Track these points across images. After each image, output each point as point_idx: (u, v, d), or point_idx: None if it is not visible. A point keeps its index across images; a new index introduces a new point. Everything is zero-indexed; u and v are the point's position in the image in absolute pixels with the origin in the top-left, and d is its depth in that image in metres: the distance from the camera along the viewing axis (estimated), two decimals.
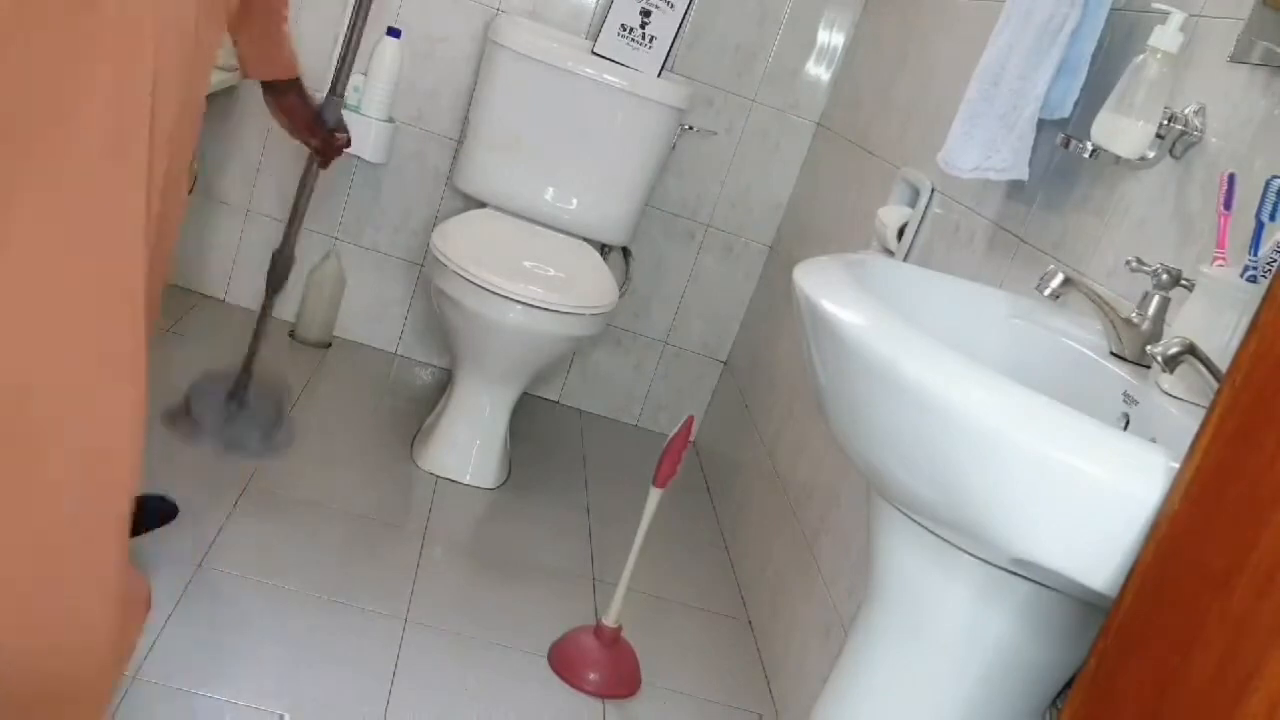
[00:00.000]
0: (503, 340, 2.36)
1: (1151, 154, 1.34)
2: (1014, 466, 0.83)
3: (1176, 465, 0.78)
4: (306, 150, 2.01)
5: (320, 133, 1.91)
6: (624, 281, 2.85)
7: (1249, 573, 0.67)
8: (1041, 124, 1.55)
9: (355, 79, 2.78)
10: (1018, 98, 1.56)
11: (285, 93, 1.78)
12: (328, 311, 2.95)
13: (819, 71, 2.90)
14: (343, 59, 2.01)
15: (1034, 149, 1.55)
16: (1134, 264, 1.19)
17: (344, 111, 2.81)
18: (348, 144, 1.99)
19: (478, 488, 2.50)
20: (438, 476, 2.49)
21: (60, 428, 1.16)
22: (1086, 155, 1.40)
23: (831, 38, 2.88)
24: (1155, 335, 1.11)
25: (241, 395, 2.13)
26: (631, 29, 2.70)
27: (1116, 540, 0.80)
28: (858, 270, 1.16)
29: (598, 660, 1.95)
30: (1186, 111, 1.31)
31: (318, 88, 2.79)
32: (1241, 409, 0.72)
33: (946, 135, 1.69)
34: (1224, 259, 1.10)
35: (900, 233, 2.03)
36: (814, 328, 1.03)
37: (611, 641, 1.97)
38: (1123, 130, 1.31)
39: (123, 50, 1.16)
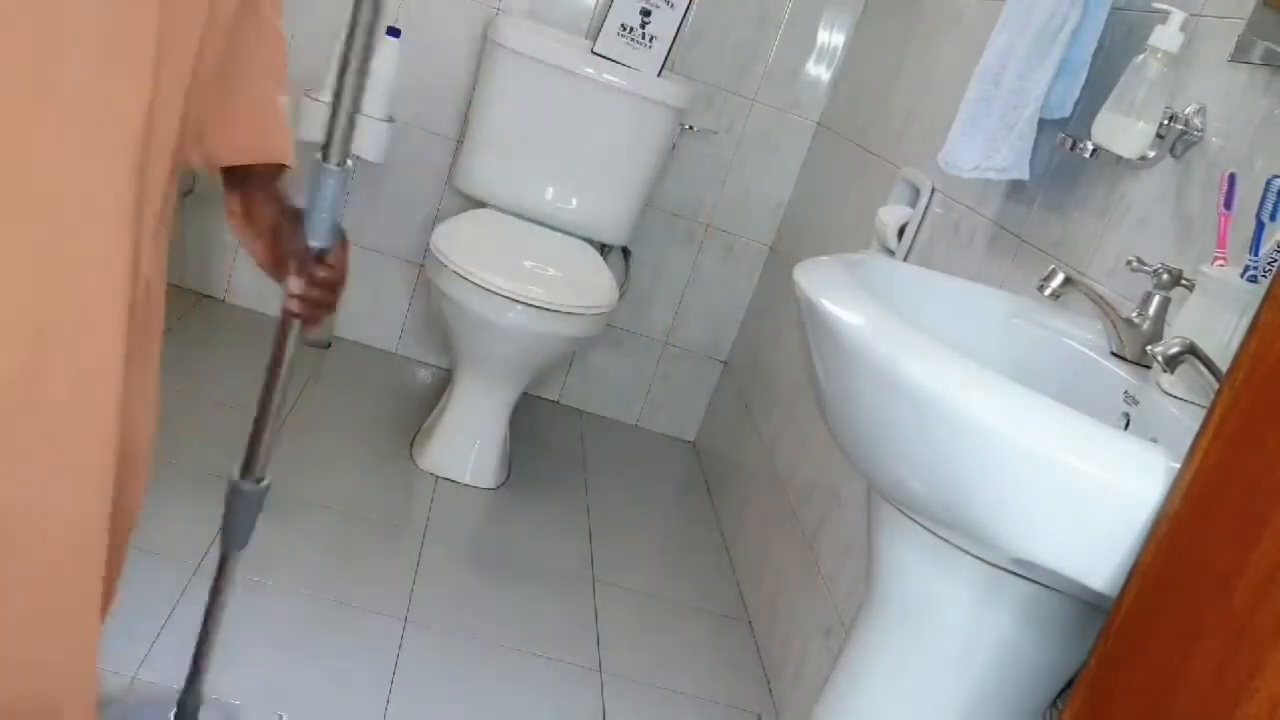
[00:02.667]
0: (503, 340, 2.36)
1: (1152, 154, 1.34)
2: (1014, 466, 0.83)
3: (1177, 465, 0.78)
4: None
5: (295, 261, 1.12)
6: (624, 281, 2.85)
7: (1249, 573, 0.67)
8: (1042, 124, 1.55)
9: None
10: (1018, 97, 1.56)
11: (259, 185, 1.12)
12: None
13: (819, 71, 2.90)
14: (337, 96, 1.11)
15: (1034, 149, 1.55)
16: (1134, 264, 1.19)
17: None
18: (338, 281, 1.17)
19: (477, 488, 2.50)
20: (437, 476, 2.48)
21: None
22: (1087, 155, 1.40)
23: (831, 38, 2.88)
24: (1155, 335, 1.11)
25: None
26: (631, 28, 2.69)
27: (1116, 540, 0.80)
28: (858, 270, 1.16)
29: None
30: (1187, 111, 1.31)
31: (312, 87, 2.80)
32: (1242, 409, 0.72)
33: (946, 135, 1.69)
34: (1224, 259, 1.10)
35: (900, 233, 2.03)
36: (814, 328, 1.03)
37: None
38: (1123, 130, 1.31)
39: None
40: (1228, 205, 1.11)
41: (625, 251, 2.91)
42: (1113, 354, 1.14)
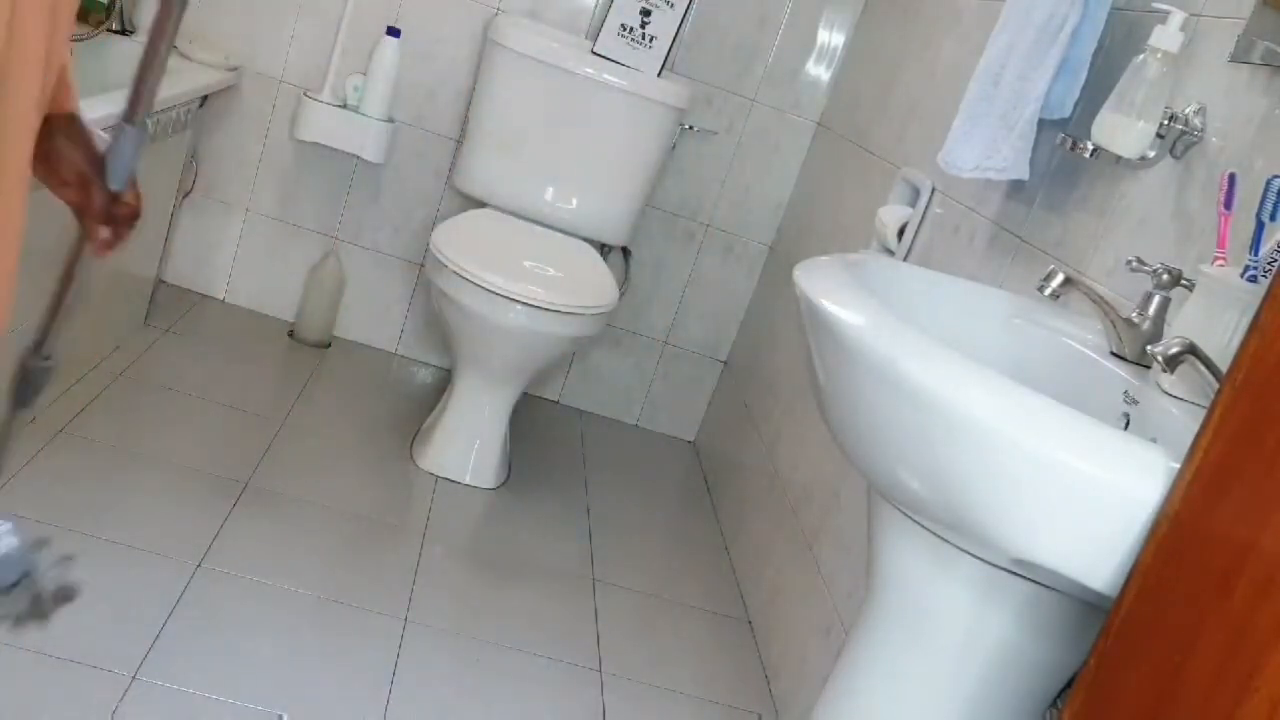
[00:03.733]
0: (503, 340, 2.36)
1: (1152, 154, 1.34)
2: (1014, 466, 0.83)
3: (1177, 465, 0.78)
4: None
5: (97, 194, 1.21)
6: (623, 281, 2.85)
7: (1249, 573, 0.67)
8: (1042, 124, 1.55)
9: (355, 79, 2.78)
10: (1018, 97, 1.56)
11: (50, 134, 1.19)
12: (327, 311, 2.94)
13: (819, 71, 2.90)
14: (143, 76, 1.20)
15: (1034, 149, 1.55)
16: (1134, 264, 1.19)
17: (341, 110, 2.83)
18: (135, 215, 1.26)
19: (477, 488, 2.50)
20: (437, 476, 2.49)
21: None
22: (1087, 155, 1.40)
23: (831, 38, 2.88)
24: (1155, 335, 1.11)
25: None
26: (631, 29, 2.69)
27: (1116, 540, 0.80)
28: (858, 270, 1.16)
29: None
30: (1187, 111, 1.31)
31: (309, 86, 2.81)
32: (1242, 409, 0.72)
33: (946, 135, 1.69)
34: (1224, 259, 1.10)
35: (900, 233, 2.03)
36: (814, 328, 1.03)
37: None
38: (1123, 130, 1.31)
39: None
40: (1228, 205, 1.11)
41: (625, 251, 2.91)
42: (1113, 354, 1.14)
